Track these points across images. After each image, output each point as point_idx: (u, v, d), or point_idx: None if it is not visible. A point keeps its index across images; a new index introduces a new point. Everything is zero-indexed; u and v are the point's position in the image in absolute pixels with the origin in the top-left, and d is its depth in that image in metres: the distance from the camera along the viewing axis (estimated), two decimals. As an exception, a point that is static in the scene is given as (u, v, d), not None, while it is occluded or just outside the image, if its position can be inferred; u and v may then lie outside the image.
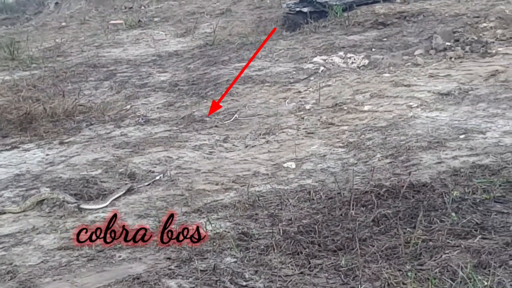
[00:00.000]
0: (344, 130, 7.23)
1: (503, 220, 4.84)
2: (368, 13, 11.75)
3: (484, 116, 7.02)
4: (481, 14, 10.56)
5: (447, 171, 5.79)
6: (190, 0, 15.57)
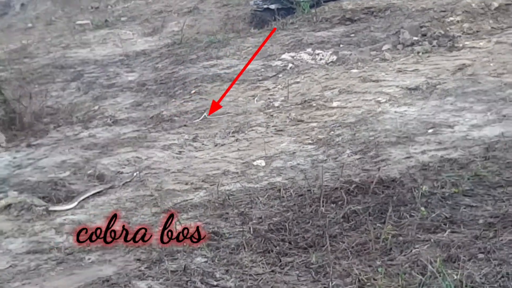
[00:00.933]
0: (313, 127, 7.23)
1: (472, 214, 4.86)
2: (335, 9, 11.74)
3: (452, 110, 7.05)
4: (448, 8, 10.59)
5: (416, 166, 5.81)
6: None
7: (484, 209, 4.89)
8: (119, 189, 6.29)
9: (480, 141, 6.12)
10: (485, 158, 5.70)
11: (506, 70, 8.01)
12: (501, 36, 9.36)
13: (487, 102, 7.10)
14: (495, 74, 7.96)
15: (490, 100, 7.15)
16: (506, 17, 10.05)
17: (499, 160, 5.61)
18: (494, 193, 5.11)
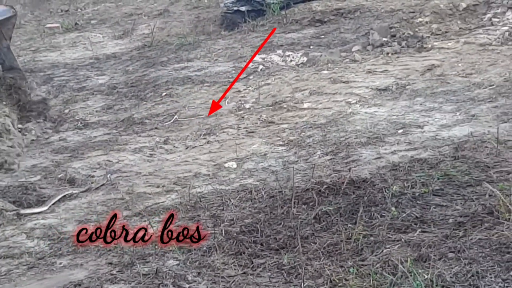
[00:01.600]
0: (284, 128, 7.25)
1: (442, 213, 4.90)
2: (305, 10, 11.80)
3: (422, 110, 7.10)
4: (416, 9, 10.68)
5: (387, 166, 5.84)
6: (127, 2, 15.47)
7: (453, 208, 4.93)
8: (90, 193, 6.26)
9: (449, 141, 6.17)
10: (454, 158, 5.74)
11: (475, 70, 8.09)
12: (469, 37, 9.45)
13: (456, 102, 7.16)
14: (463, 74, 8.04)
15: (459, 100, 7.22)
16: (474, 17, 10.15)
17: (468, 159, 5.66)
18: (463, 192, 5.15)
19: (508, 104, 6.86)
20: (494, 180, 5.25)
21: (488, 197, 4.96)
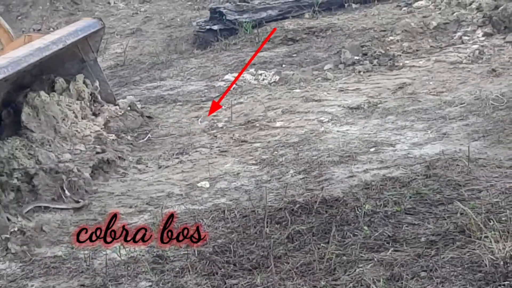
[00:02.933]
0: (257, 147, 7.26)
1: (414, 232, 4.92)
2: (277, 29, 11.83)
3: (393, 128, 7.15)
4: (388, 27, 10.75)
5: (359, 185, 5.86)
6: (100, 20, 15.42)
7: (425, 227, 4.96)
8: (61, 212, 6.22)
9: (421, 159, 6.21)
10: (426, 176, 5.78)
11: (445, 89, 8.15)
12: (440, 55, 9.53)
13: (427, 121, 7.21)
14: (434, 92, 8.10)
15: (430, 118, 7.27)
16: (445, 36, 10.23)
17: (439, 178, 5.70)
18: (435, 211, 5.18)
19: (479, 122, 6.93)
20: (465, 198, 5.28)
21: (460, 215, 4.99)
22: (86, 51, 8.34)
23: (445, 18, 10.59)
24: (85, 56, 8.35)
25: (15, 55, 6.39)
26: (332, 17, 12.20)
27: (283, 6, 12.67)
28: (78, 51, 8.21)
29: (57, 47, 7.18)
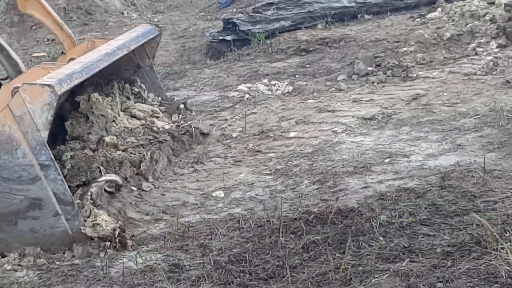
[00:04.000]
0: (271, 157, 7.27)
1: (430, 243, 4.92)
2: (290, 40, 11.86)
3: (408, 139, 7.15)
4: (401, 38, 10.77)
5: (374, 196, 5.87)
6: (113, 31, 15.49)
7: (441, 238, 4.96)
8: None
9: (436, 170, 6.21)
10: (441, 187, 5.78)
11: (460, 100, 8.15)
12: (454, 66, 9.54)
13: (441, 132, 7.22)
14: (448, 103, 8.11)
15: (444, 129, 7.27)
16: (458, 47, 10.25)
17: (454, 189, 5.70)
18: (451, 222, 5.18)
19: (494, 133, 6.93)
20: (481, 209, 5.29)
21: (476, 226, 4.99)
22: (142, 57, 8.37)
23: (458, 29, 10.61)
24: (141, 62, 8.38)
25: (86, 60, 6.45)
26: (345, 28, 12.24)
27: (296, 17, 12.71)
28: (134, 57, 8.23)
29: (122, 53, 7.25)
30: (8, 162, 5.37)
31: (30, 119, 5.33)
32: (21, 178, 5.38)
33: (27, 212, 5.42)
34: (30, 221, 5.45)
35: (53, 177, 5.39)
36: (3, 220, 5.44)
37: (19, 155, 5.36)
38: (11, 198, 5.41)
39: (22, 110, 5.33)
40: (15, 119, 5.33)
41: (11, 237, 5.48)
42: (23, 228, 5.46)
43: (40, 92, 5.37)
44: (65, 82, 5.71)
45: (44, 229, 5.45)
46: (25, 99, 5.33)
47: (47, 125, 5.38)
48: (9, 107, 5.34)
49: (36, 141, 5.35)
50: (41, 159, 5.37)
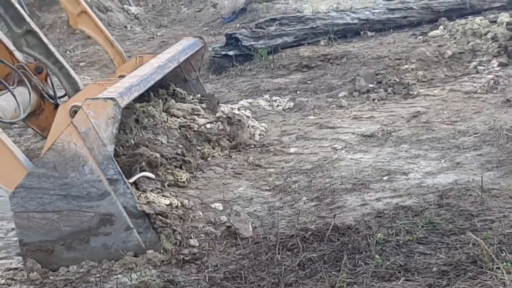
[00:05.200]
0: (270, 172, 7.26)
1: (426, 261, 4.91)
2: (292, 56, 11.89)
3: (407, 157, 7.15)
4: (403, 56, 10.78)
5: (371, 213, 5.86)
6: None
7: (437, 257, 4.94)
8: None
9: (434, 189, 6.20)
10: (439, 206, 5.77)
11: (460, 118, 8.15)
12: (455, 84, 9.55)
13: (441, 150, 7.21)
14: (448, 121, 8.11)
15: (444, 147, 7.27)
16: (460, 65, 10.27)
17: (452, 207, 5.69)
18: (447, 240, 5.17)
19: (493, 152, 6.92)
20: (478, 228, 5.27)
21: (472, 246, 4.97)
22: (188, 70, 8.40)
23: (460, 47, 10.62)
24: (187, 75, 8.40)
25: (141, 74, 6.47)
26: (348, 44, 12.26)
27: (298, 33, 12.74)
28: (180, 71, 8.25)
29: (173, 65, 7.29)
30: (76, 180, 5.33)
31: (96, 134, 5.30)
32: (90, 194, 5.33)
33: (99, 229, 5.38)
34: (102, 237, 5.41)
35: (122, 191, 5.36)
36: (75, 238, 5.40)
37: (86, 171, 5.32)
38: (82, 216, 5.37)
39: (86, 126, 5.30)
40: (80, 135, 5.29)
41: (84, 255, 5.42)
42: (95, 245, 5.42)
43: (104, 106, 5.34)
44: (125, 95, 5.69)
45: (117, 244, 5.41)
46: (89, 114, 5.30)
47: (112, 139, 5.35)
48: (73, 124, 5.31)
49: (103, 156, 5.32)
50: (109, 174, 5.33)
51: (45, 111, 7.29)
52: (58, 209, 5.36)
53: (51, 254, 5.42)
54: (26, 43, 6.37)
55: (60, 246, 5.41)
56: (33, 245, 5.42)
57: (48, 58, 6.68)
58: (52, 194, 5.35)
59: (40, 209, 5.36)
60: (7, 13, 6.42)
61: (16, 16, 6.43)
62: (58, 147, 5.31)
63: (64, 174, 5.33)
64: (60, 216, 5.37)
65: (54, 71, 6.83)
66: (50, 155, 5.33)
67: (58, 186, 5.34)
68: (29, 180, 5.35)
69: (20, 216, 5.39)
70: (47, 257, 5.42)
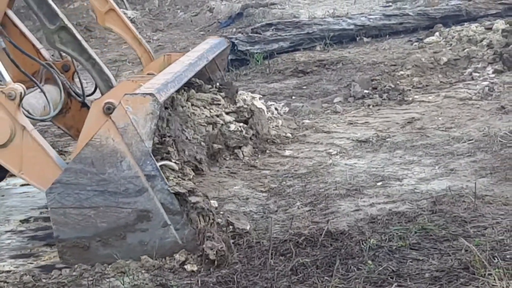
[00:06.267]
0: (266, 174, 7.26)
1: (418, 267, 4.91)
2: (288, 61, 11.91)
3: (401, 163, 7.16)
4: (398, 62, 10.81)
5: (365, 219, 5.86)
6: (112, 48, 15.55)
7: (430, 263, 4.95)
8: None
9: (427, 195, 6.21)
10: (432, 212, 5.78)
11: (454, 124, 8.17)
12: (450, 91, 9.57)
13: (435, 156, 7.23)
14: (443, 128, 8.12)
15: (438, 153, 7.28)
16: (455, 72, 10.30)
17: (445, 214, 5.70)
18: (440, 246, 5.17)
19: (487, 159, 6.93)
20: (470, 235, 5.28)
21: (464, 252, 4.98)
22: (213, 69, 8.34)
23: (455, 54, 10.65)
24: (212, 74, 8.35)
25: (175, 71, 6.39)
26: (343, 50, 12.29)
27: (294, 38, 12.77)
28: (205, 71, 8.16)
29: (203, 63, 7.22)
30: (113, 176, 5.25)
31: (134, 130, 5.21)
32: (128, 190, 5.25)
33: (136, 225, 5.30)
34: (139, 234, 5.33)
35: (160, 187, 5.26)
36: (111, 235, 5.33)
37: (124, 167, 5.25)
38: (119, 212, 5.29)
39: (125, 121, 5.21)
40: (118, 131, 5.20)
41: (120, 252, 5.34)
42: (132, 242, 5.35)
43: (142, 102, 5.24)
44: (162, 91, 5.60)
45: (154, 241, 5.34)
46: (127, 109, 5.21)
47: (151, 135, 5.26)
48: (112, 119, 5.22)
49: (141, 152, 5.23)
50: (147, 170, 5.24)
51: (71, 110, 7.29)
52: (95, 205, 5.29)
53: (87, 251, 5.35)
54: (59, 39, 6.33)
55: (96, 243, 5.34)
56: (69, 242, 5.34)
57: (81, 54, 6.66)
58: (89, 190, 5.27)
59: (77, 205, 5.29)
60: (40, 9, 6.38)
61: (50, 12, 6.39)
62: (95, 142, 5.23)
63: (102, 170, 5.26)
64: (97, 212, 5.30)
65: (87, 67, 6.80)
66: (88, 151, 5.25)
67: (96, 182, 5.27)
68: (66, 175, 5.28)
69: (56, 212, 5.31)
70: (83, 254, 5.36)
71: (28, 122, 5.51)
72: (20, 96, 5.34)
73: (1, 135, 5.37)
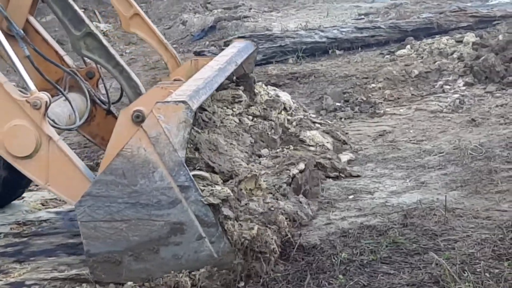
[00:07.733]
0: (237, 191, 7.24)
1: (389, 281, 4.92)
2: (261, 74, 11.91)
3: (372, 176, 7.17)
4: (370, 75, 10.86)
5: (336, 232, 5.86)
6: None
7: (401, 277, 4.95)
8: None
9: (398, 208, 6.22)
10: (403, 225, 5.79)
11: (425, 137, 8.21)
12: (421, 103, 9.63)
13: (406, 169, 7.25)
14: (414, 141, 8.16)
15: (409, 166, 7.31)
16: (426, 84, 10.36)
17: (416, 227, 5.71)
18: (411, 260, 5.18)
19: (457, 171, 6.97)
20: (441, 248, 5.30)
21: (435, 266, 4.99)
22: (240, 73, 8.10)
23: (426, 67, 10.73)
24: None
25: (205, 76, 6.11)
26: (316, 63, 12.33)
27: (267, 51, 12.80)
28: (231, 75, 7.90)
29: (232, 68, 6.98)
30: (145, 187, 5.02)
31: (166, 139, 4.98)
32: (160, 202, 5.01)
33: (169, 238, 5.05)
34: (173, 247, 5.08)
35: (194, 199, 5.02)
36: (144, 249, 5.09)
37: (156, 178, 5.00)
38: (151, 225, 5.06)
39: (157, 131, 4.98)
40: (150, 140, 4.98)
41: (154, 266, 5.12)
42: (165, 256, 5.09)
43: (175, 110, 5.00)
44: (195, 98, 5.33)
45: (188, 254, 5.10)
46: (159, 118, 4.98)
47: (184, 144, 5.02)
48: (143, 129, 5.00)
49: (174, 162, 4.98)
50: (180, 181, 5.01)
51: (96, 118, 7.13)
52: (127, 218, 5.07)
53: (119, 266, 5.13)
54: (85, 46, 6.17)
55: (128, 257, 5.12)
56: (100, 256, 5.12)
57: (108, 61, 6.49)
58: (121, 203, 5.06)
59: (108, 218, 5.08)
60: (65, 15, 6.22)
61: (75, 18, 6.22)
62: (127, 153, 5.01)
63: (133, 181, 5.04)
64: (128, 225, 5.08)
65: (115, 74, 6.63)
66: (118, 162, 5.04)
67: (127, 194, 5.05)
68: (96, 187, 5.08)
69: (86, 226, 5.09)
70: (115, 269, 5.14)
71: (54, 132, 5.34)
72: (45, 105, 5.15)
73: (26, 146, 5.20)
